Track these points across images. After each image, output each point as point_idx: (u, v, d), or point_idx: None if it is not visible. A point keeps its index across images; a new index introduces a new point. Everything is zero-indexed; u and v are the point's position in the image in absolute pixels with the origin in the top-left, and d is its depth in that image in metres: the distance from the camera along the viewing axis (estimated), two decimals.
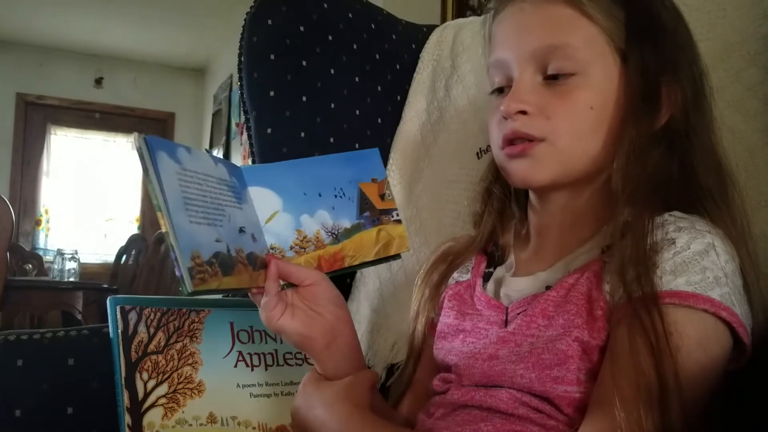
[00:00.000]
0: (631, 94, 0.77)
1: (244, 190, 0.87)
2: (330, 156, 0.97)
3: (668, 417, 0.62)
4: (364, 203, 0.94)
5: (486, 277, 0.91)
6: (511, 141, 0.81)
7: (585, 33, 0.78)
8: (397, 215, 0.96)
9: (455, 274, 0.95)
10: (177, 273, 0.70)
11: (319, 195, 0.92)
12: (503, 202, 0.94)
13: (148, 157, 0.72)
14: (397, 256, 0.96)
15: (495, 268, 0.91)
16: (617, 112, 0.78)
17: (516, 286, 0.84)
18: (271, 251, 0.87)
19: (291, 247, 0.89)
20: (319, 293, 0.87)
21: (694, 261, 0.68)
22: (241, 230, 0.82)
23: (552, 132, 0.78)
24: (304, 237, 0.90)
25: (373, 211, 0.94)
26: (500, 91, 0.85)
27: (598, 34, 0.78)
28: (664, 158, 0.77)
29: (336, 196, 0.93)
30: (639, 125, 0.76)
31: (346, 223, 0.92)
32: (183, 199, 0.74)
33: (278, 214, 0.89)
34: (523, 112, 0.79)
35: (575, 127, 0.78)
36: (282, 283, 0.86)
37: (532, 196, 0.89)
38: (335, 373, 0.86)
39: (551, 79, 0.79)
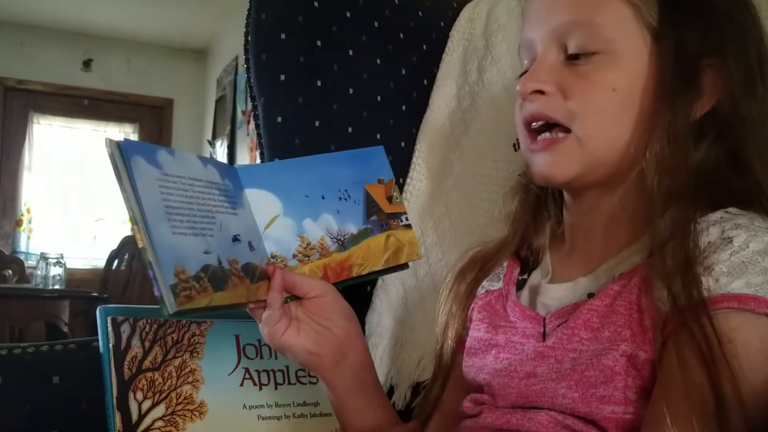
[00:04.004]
0: (664, 76, 0.78)
1: (239, 193, 0.88)
2: (332, 154, 0.97)
3: None
4: (370, 206, 0.94)
5: (520, 285, 0.91)
6: (530, 126, 0.82)
7: (613, 10, 0.79)
8: (407, 219, 0.96)
9: (485, 283, 0.96)
10: (156, 293, 0.71)
11: (323, 197, 0.93)
12: (539, 200, 0.94)
13: (122, 163, 0.72)
14: (406, 265, 0.97)
15: (529, 275, 0.92)
16: (647, 95, 0.78)
17: (554, 293, 0.85)
18: (271, 260, 0.88)
19: (294, 255, 0.90)
20: (326, 306, 0.88)
21: (753, 261, 0.67)
22: (236, 238, 0.83)
23: (572, 116, 0.79)
24: (308, 244, 0.91)
25: (380, 215, 0.95)
26: None
27: (628, 10, 0.79)
28: (709, 150, 0.77)
29: (341, 198, 0.93)
30: (674, 111, 0.77)
31: (353, 229, 0.93)
32: (164, 208, 0.74)
33: (279, 218, 0.90)
34: (541, 92, 0.80)
35: (596, 110, 0.79)
36: (285, 295, 0.87)
37: (565, 194, 0.90)
38: (345, 393, 0.87)
39: (573, 59, 0.80)
